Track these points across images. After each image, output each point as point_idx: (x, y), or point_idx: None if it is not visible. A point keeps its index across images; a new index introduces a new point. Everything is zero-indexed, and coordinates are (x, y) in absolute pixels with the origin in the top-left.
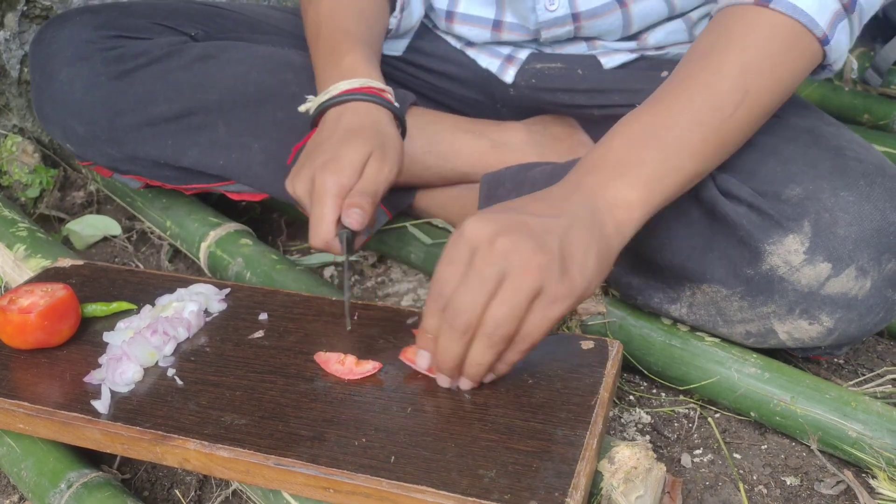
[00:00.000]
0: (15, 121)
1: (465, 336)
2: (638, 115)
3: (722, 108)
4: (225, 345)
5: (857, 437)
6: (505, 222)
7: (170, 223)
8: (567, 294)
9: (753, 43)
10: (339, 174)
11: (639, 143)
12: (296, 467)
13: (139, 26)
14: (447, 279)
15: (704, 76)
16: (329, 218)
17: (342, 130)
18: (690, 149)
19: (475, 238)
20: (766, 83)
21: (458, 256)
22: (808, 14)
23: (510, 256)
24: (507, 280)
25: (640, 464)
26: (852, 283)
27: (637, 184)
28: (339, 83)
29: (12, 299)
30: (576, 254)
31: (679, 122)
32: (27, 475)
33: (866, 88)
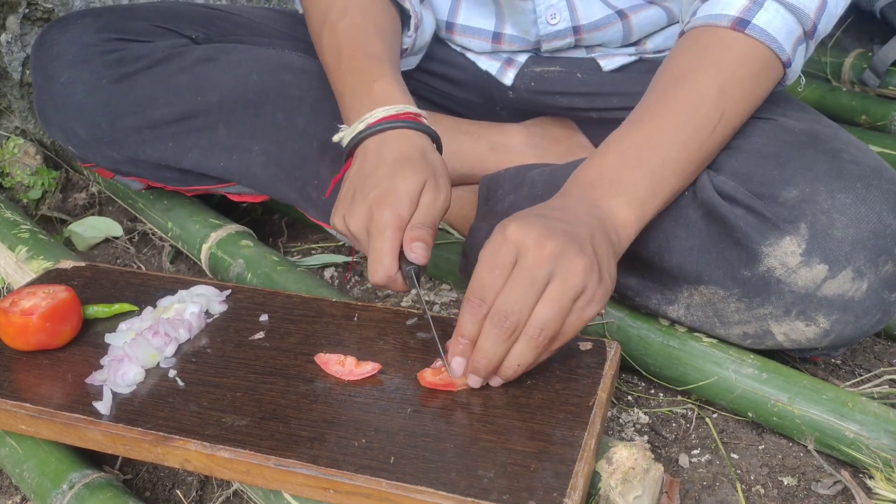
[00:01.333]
0: (17, 123)
1: (512, 337)
2: (627, 135)
3: (702, 129)
4: (226, 346)
5: (854, 438)
6: (546, 227)
7: (171, 224)
8: (602, 296)
9: (727, 67)
10: (398, 207)
11: (631, 164)
12: (296, 468)
13: (140, 29)
14: (491, 284)
15: (686, 99)
16: (392, 253)
17: (390, 161)
18: (676, 168)
19: (521, 242)
20: (739, 104)
21: (502, 260)
22: (778, 41)
23: (559, 259)
24: (554, 281)
25: (637, 464)
26: (849, 284)
27: (632, 203)
28: (376, 111)
29: (14, 301)
30: (602, 258)
31: (665, 143)
32: (29, 476)
33: (864, 89)
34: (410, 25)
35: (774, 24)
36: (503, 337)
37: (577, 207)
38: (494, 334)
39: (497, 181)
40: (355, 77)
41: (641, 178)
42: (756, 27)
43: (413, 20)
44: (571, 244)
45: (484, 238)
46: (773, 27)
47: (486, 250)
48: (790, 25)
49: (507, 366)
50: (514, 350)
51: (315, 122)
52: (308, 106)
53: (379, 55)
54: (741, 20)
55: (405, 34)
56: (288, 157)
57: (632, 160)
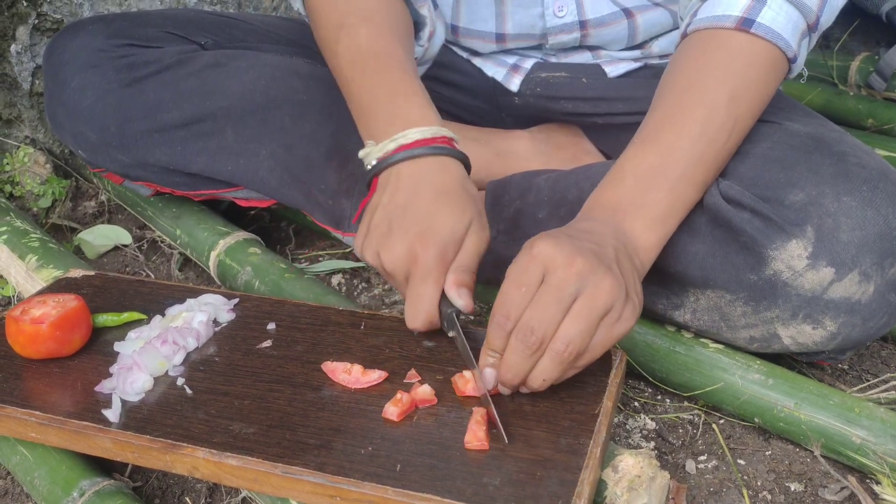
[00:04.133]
0: (27, 132)
1: (537, 353)
2: (641, 154)
3: (717, 140)
4: (233, 354)
5: (860, 443)
6: (574, 245)
7: (180, 232)
8: (630, 315)
9: (737, 72)
10: (444, 248)
11: (649, 185)
12: (303, 475)
13: (150, 35)
14: (517, 302)
15: (699, 110)
16: (434, 298)
17: (430, 193)
18: (694, 183)
19: (549, 260)
20: (751, 107)
21: (529, 277)
22: (784, 38)
23: (587, 277)
24: (581, 298)
25: (643, 472)
26: (855, 287)
27: (654, 226)
28: (409, 131)
29: (25, 310)
30: (629, 278)
31: (682, 160)
32: (40, 483)
33: (870, 93)
34: (424, 34)
35: (779, 21)
36: (528, 352)
37: (603, 230)
38: (520, 349)
39: (503, 187)
40: (380, 88)
41: (660, 199)
42: (762, 26)
43: (427, 29)
44: (599, 263)
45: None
46: (778, 24)
47: (514, 267)
48: (794, 20)
49: (532, 379)
50: (539, 365)
51: (322, 127)
52: (315, 111)
53: (405, 66)
54: (746, 20)
55: (418, 43)
56: (295, 161)
57: (649, 181)
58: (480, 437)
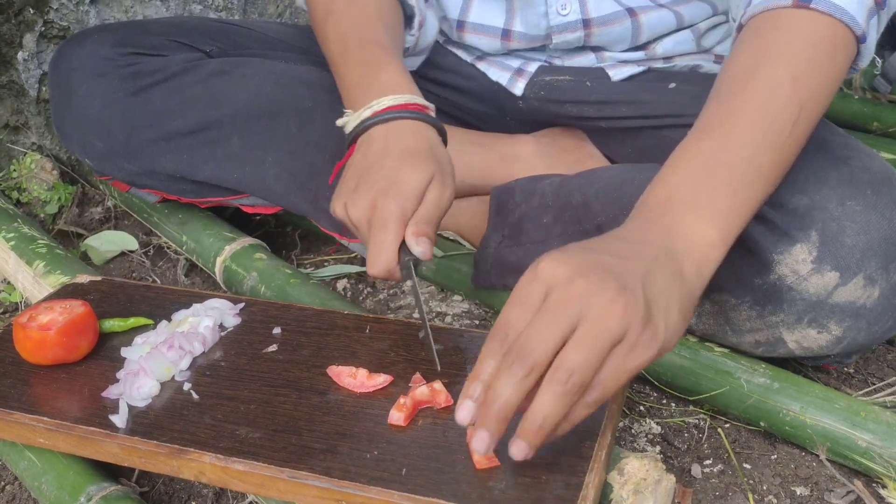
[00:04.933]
0: (34, 139)
1: (527, 379)
2: (696, 145)
3: (781, 128)
4: (239, 359)
5: (867, 447)
6: (584, 262)
7: (186, 238)
8: (650, 342)
9: (799, 52)
10: (403, 200)
11: (707, 176)
12: (309, 480)
13: (155, 44)
14: (515, 320)
15: (757, 97)
16: (393, 246)
17: (397, 152)
18: (759, 174)
19: (551, 278)
20: (817, 91)
21: (530, 297)
22: (849, 13)
23: (590, 298)
24: (585, 323)
25: (649, 475)
26: (860, 291)
27: (716, 219)
28: (382, 99)
29: (32, 316)
30: (659, 299)
31: (741, 149)
32: (48, 489)
33: (875, 96)
34: (414, 24)
35: None
36: (518, 377)
37: (644, 236)
38: (509, 374)
39: (508, 192)
40: (361, 65)
41: (720, 189)
42: (822, 0)
43: (417, 18)
44: (609, 281)
45: (494, 249)
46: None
47: (518, 284)
48: None
49: (530, 418)
50: (538, 399)
51: (328, 134)
52: (321, 118)
53: (385, 45)
54: None
55: (408, 33)
56: (301, 168)
57: (706, 171)
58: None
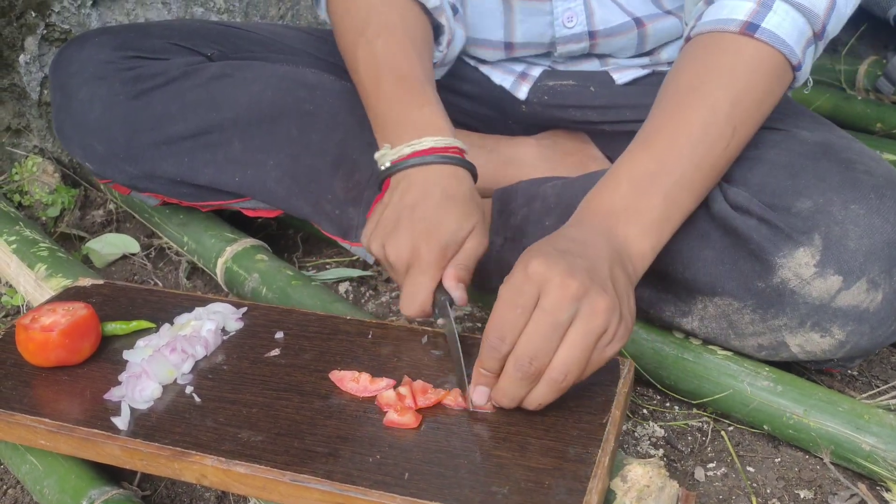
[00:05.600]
0: (35, 141)
1: (535, 380)
2: (638, 157)
3: (716, 147)
4: (241, 363)
5: (870, 450)
6: (568, 264)
7: (187, 239)
8: (623, 334)
9: (740, 78)
10: (445, 245)
11: (644, 190)
12: (311, 483)
13: (156, 47)
14: (512, 323)
15: (698, 116)
16: (430, 288)
17: (439, 196)
18: (690, 190)
19: (543, 280)
20: (752, 115)
21: (524, 299)
22: (788, 44)
23: (582, 300)
24: (577, 323)
25: (652, 482)
26: (863, 295)
27: (648, 232)
28: (424, 139)
29: (34, 318)
30: (623, 294)
31: (678, 166)
32: (49, 492)
33: (879, 97)
34: (443, 40)
35: (784, 27)
36: (526, 381)
37: (595, 240)
38: (517, 378)
39: (510, 195)
40: (397, 101)
41: (655, 205)
42: (766, 31)
43: (446, 36)
44: (594, 284)
45: (497, 252)
46: (783, 30)
47: (507, 286)
48: (800, 27)
49: (528, 403)
50: (536, 391)
51: (329, 137)
52: (322, 121)
53: (421, 79)
54: (750, 24)
55: (436, 49)
56: (302, 171)
57: (645, 186)
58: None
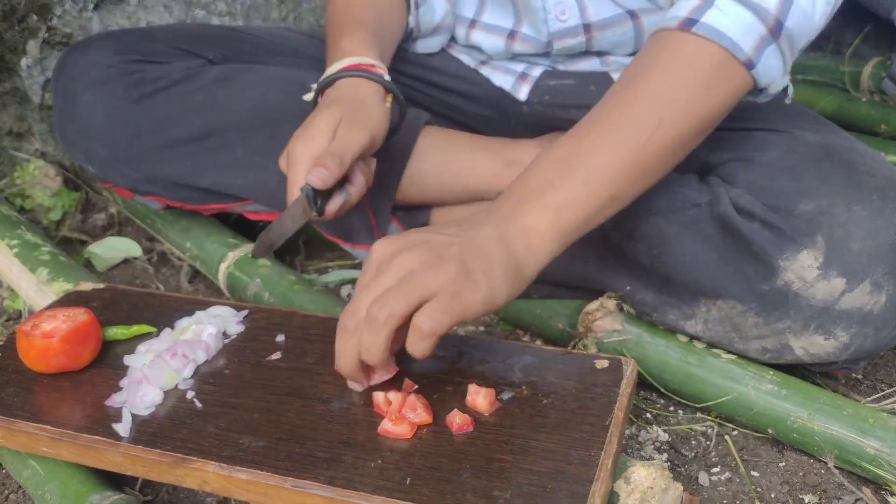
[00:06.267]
0: (37, 145)
1: (354, 336)
2: (560, 144)
3: (636, 136)
4: (243, 367)
5: (875, 454)
6: (406, 241)
7: (189, 244)
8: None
9: (673, 70)
10: (309, 141)
11: (552, 171)
12: (313, 489)
13: (159, 51)
14: (358, 301)
15: (621, 104)
16: (298, 181)
17: (325, 104)
18: (603, 174)
19: (378, 258)
20: (682, 111)
21: (365, 279)
22: (730, 38)
23: (407, 266)
24: (400, 283)
25: (656, 484)
26: (867, 297)
27: (545, 211)
28: (334, 64)
29: (35, 324)
30: (479, 263)
31: (593, 149)
32: (51, 498)
33: (883, 99)
34: (411, 3)
35: (726, 22)
36: (346, 335)
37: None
38: (341, 335)
39: None
40: (333, 40)
41: (560, 185)
42: (705, 25)
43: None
44: (425, 252)
45: None
46: (723, 25)
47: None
48: (747, 22)
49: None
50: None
51: None
52: None
53: (357, 18)
54: (689, 20)
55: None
56: None
57: (554, 168)
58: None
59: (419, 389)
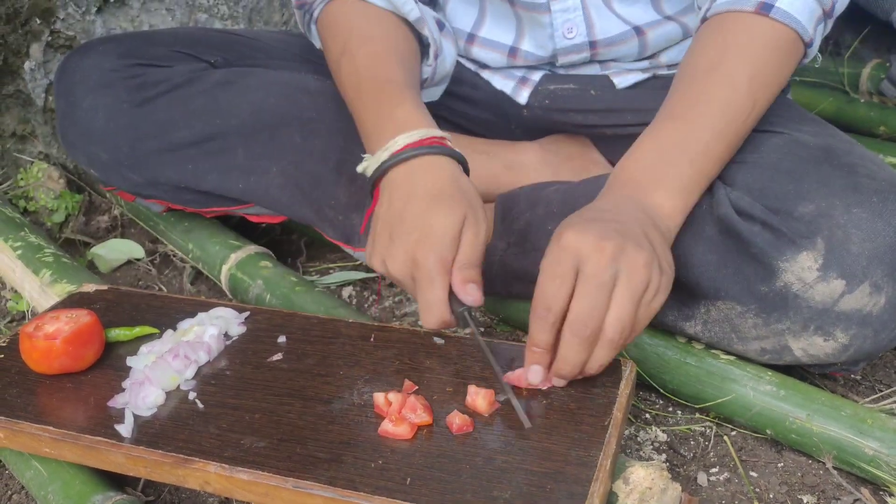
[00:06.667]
0: (41, 148)
1: (593, 344)
2: (663, 130)
3: (737, 120)
4: (244, 368)
5: (873, 455)
6: (601, 229)
7: (191, 246)
8: (666, 285)
9: (758, 55)
10: (441, 250)
11: (670, 157)
12: (314, 489)
13: (160, 55)
14: (554, 293)
15: (719, 90)
16: (443, 299)
17: (423, 195)
18: (714, 158)
19: (577, 249)
20: (770, 90)
21: (562, 269)
22: (801, 22)
23: (620, 259)
24: (621, 281)
25: (654, 484)
26: (866, 299)
27: (676, 194)
28: (398, 137)
29: (38, 326)
30: (659, 249)
31: (703, 136)
32: (54, 499)
33: (882, 100)
34: (430, 54)
35: (796, 6)
36: (585, 345)
37: (624, 205)
38: (576, 343)
39: (513, 200)
40: (375, 104)
41: (682, 172)
42: (780, 10)
43: (432, 48)
44: (628, 241)
45: (500, 257)
46: (795, 8)
47: (546, 261)
48: (811, 6)
49: (589, 368)
50: (596, 354)
51: (331, 144)
52: (324, 128)
53: (399, 81)
54: (765, 4)
55: (425, 63)
56: (305, 178)
57: (671, 154)
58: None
59: (419, 391)
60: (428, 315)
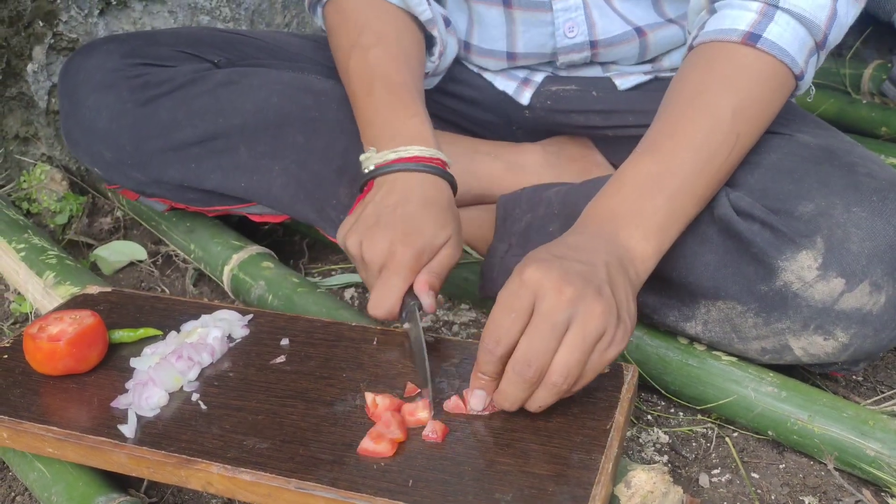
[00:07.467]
0: (44, 149)
1: (535, 384)
2: (641, 163)
3: (719, 154)
4: (247, 370)
5: (875, 456)
6: (564, 270)
7: (194, 247)
8: (622, 337)
9: (743, 86)
10: (421, 251)
11: (647, 194)
12: (316, 491)
13: (163, 54)
14: (508, 327)
15: (701, 123)
16: (401, 290)
17: (420, 201)
18: (693, 195)
19: (538, 286)
20: (754, 123)
21: (520, 304)
22: (790, 54)
23: (578, 303)
24: (574, 327)
25: (656, 488)
26: (866, 298)
27: (650, 235)
28: (411, 147)
29: (42, 327)
30: (621, 299)
31: (682, 171)
32: (57, 500)
33: (884, 101)
34: (435, 51)
35: (786, 37)
36: (526, 385)
37: (594, 245)
38: (517, 381)
39: (514, 201)
40: (388, 107)
41: (659, 207)
42: (767, 41)
43: (438, 47)
44: (589, 287)
45: (501, 258)
46: (784, 40)
47: (504, 292)
48: (801, 37)
49: (529, 406)
50: (536, 395)
51: (334, 144)
52: (327, 127)
53: (412, 89)
54: (752, 34)
55: (429, 59)
56: (307, 177)
57: (648, 190)
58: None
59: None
60: (381, 302)
